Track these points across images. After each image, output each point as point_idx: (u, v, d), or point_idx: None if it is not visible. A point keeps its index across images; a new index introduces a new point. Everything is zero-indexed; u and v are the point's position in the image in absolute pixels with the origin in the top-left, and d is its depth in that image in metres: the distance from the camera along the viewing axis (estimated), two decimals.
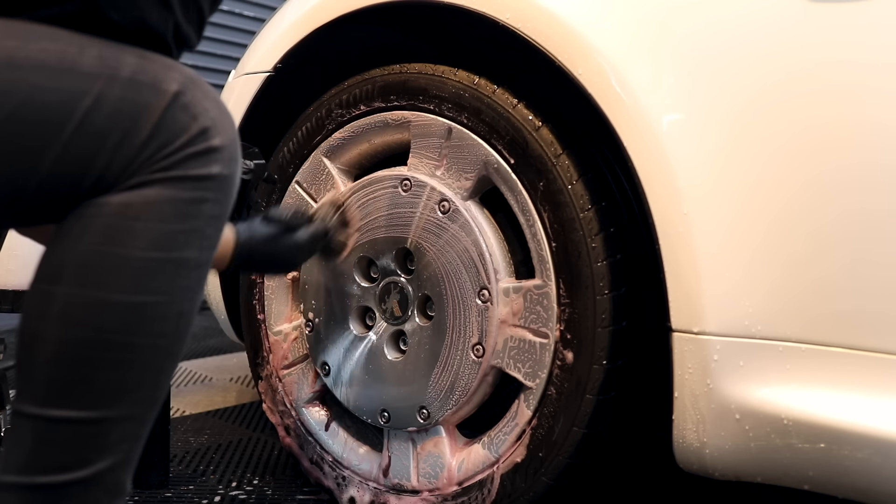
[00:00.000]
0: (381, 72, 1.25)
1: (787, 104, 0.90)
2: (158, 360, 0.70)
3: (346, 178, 1.32)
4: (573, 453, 1.07)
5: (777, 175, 0.91)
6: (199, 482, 1.41)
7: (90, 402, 0.67)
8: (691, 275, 0.93)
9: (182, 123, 0.68)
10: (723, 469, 0.95)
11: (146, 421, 0.71)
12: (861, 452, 0.86)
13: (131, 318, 0.67)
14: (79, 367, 0.66)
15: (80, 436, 0.67)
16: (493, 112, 1.12)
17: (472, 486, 1.15)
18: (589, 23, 1.00)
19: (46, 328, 0.66)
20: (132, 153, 0.66)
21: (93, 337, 0.66)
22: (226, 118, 0.72)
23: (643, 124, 0.95)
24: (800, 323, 0.90)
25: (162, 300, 0.68)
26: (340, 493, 1.29)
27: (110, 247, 0.66)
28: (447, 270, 1.15)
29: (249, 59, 1.42)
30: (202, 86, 0.71)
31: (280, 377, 1.38)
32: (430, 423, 1.18)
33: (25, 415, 0.67)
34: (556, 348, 1.07)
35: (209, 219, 0.70)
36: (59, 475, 0.67)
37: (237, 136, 0.73)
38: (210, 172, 0.69)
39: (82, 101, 0.65)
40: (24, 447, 0.67)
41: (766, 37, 0.92)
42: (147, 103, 0.67)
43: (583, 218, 1.04)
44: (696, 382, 0.93)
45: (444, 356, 1.16)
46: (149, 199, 0.66)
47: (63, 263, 0.67)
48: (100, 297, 0.66)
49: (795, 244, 0.90)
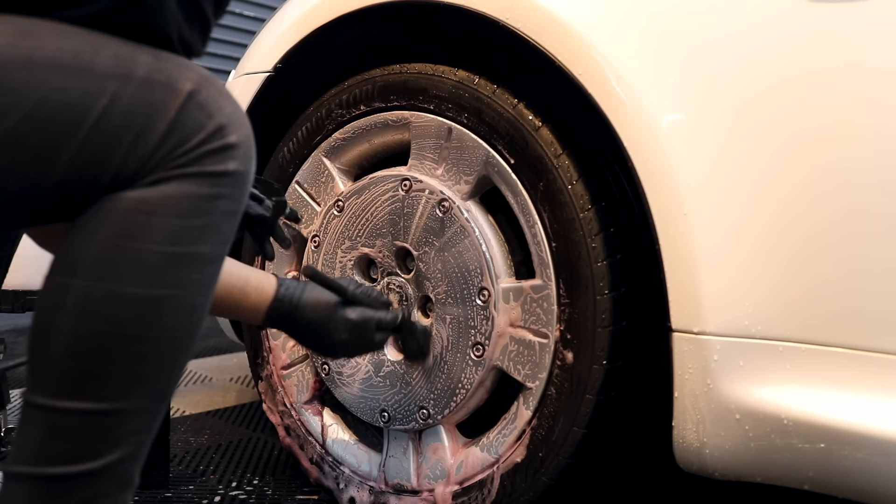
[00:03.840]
0: (381, 72, 1.25)
1: (788, 104, 0.90)
2: (171, 353, 0.71)
3: (346, 178, 1.32)
4: (573, 453, 1.07)
5: (777, 175, 0.91)
6: (199, 482, 1.41)
7: (103, 395, 0.67)
8: (691, 275, 0.93)
9: (198, 121, 0.68)
10: (723, 469, 0.95)
11: (157, 414, 0.72)
12: (861, 452, 0.86)
13: (146, 311, 0.68)
14: (93, 360, 0.67)
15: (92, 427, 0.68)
16: (493, 112, 1.12)
17: (473, 486, 1.15)
18: (589, 23, 1.00)
19: (61, 320, 0.67)
20: (148, 151, 0.67)
21: (107, 329, 0.67)
22: (241, 116, 0.72)
23: (643, 124, 0.95)
24: (800, 323, 0.90)
25: (176, 294, 0.69)
26: (340, 493, 1.29)
27: (126, 240, 0.67)
28: (447, 270, 1.15)
29: (249, 59, 1.42)
30: (216, 84, 0.72)
31: (280, 377, 1.38)
32: (430, 424, 1.18)
33: (37, 406, 0.68)
34: (556, 348, 1.07)
35: (224, 214, 0.71)
36: (69, 466, 0.67)
37: (252, 133, 0.73)
38: (227, 169, 0.70)
39: (98, 101, 0.66)
40: (35, 438, 0.68)
41: (767, 37, 0.92)
42: (162, 102, 0.67)
43: (583, 218, 1.05)
44: (696, 382, 0.93)
45: (443, 356, 1.16)
46: (165, 194, 0.67)
47: (79, 256, 0.67)
48: (115, 289, 0.67)
49: (796, 244, 0.90)
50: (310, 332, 1.07)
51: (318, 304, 1.05)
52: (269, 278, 1.04)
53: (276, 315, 1.03)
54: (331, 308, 1.06)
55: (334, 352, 1.10)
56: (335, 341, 1.07)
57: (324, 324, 1.06)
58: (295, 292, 1.04)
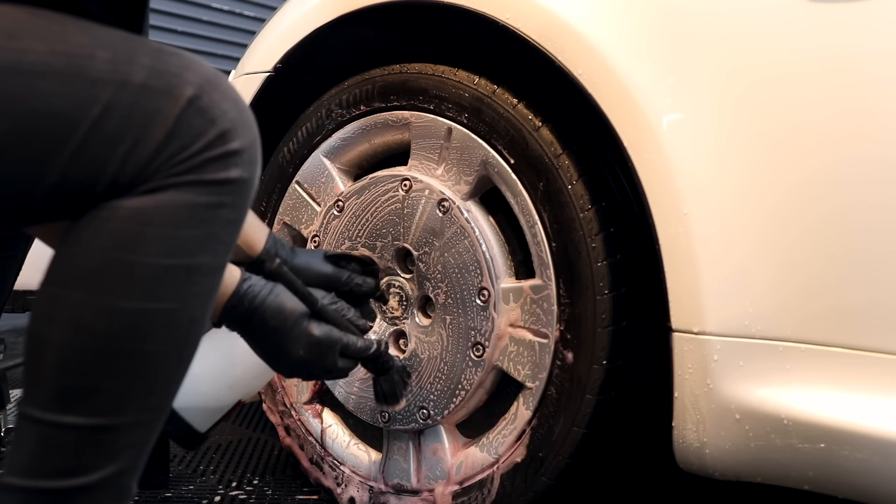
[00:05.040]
0: (381, 72, 1.25)
1: (789, 104, 0.91)
2: (168, 366, 0.68)
3: (346, 179, 1.32)
4: (573, 453, 1.07)
5: (777, 175, 0.91)
6: (199, 482, 1.41)
7: (97, 410, 0.66)
8: (691, 275, 0.93)
9: (198, 128, 0.66)
10: (723, 469, 0.95)
11: (155, 426, 0.70)
12: (861, 452, 0.86)
13: (141, 325, 0.65)
14: (86, 374, 0.65)
15: (86, 442, 0.66)
16: (493, 112, 1.12)
17: (472, 486, 1.15)
18: (589, 23, 1.00)
19: (54, 333, 0.65)
20: (145, 160, 0.64)
21: (101, 345, 0.65)
22: (246, 119, 0.69)
23: (643, 124, 0.95)
24: (800, 323, 0.90)
25: (173, 307, 0.66)
26: (340, 493, 1.29)
27: (120, 253, 0.64)
28: (447, 270, 1.15)
29: (249, 60, 1.42)
30: (221, 86, 0.69)
31: (280, 377, 1.38)
32: (430, 424, 1.18)
33: (31, 418, 0.66)
34: (556, 348, 1.07)
35: (225, 224, 0.68)
36: (63, 480, 0.66)
37: (258, 136, 0.71)
38: (229, 177, 0.67)
39: (91, 109, 0.63)
40: (29, 450, 0.66)
41: (767, 37, 0.92)
42: (160, 110, 0.65)
43: (583, 218, 1.05)
44: (696, 382, 0.93)
45: (443, 357, 1.15)
46: (162, 203, 0.65)
47: (73, 267, 0.65)
48: (108, 303, 0.64)
49: (796, 244, 0.90)
50: (265, 341, 0.93)
51: (281, 310, 0.91)
52: (233, 271, 0.90)
53: (231, 314, 0.90)
54: (294, 318, 0.92)
55: (289, 369, 0.97)
56: (292, 357, 0.94)
57: (283, 334, 0.92)
58: (259, 293, 0.90)
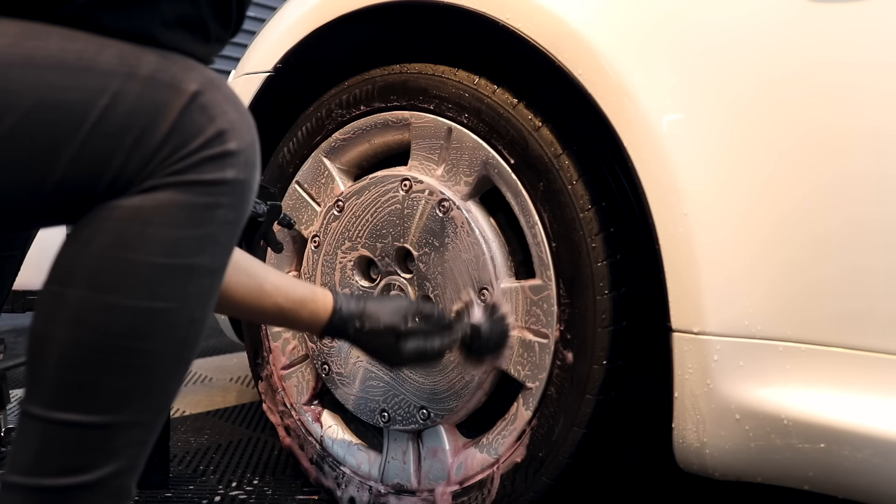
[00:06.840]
0: (381, 72, 1.25)
1: (789, 105, 0.90)
2: (168, 366, 0.69)
3: (346, 179, 1.32)
4: (573, 453, 1.07)
5: (777, 175, 0.91)
6: (199, 482, 1.41)
7: (98, 407, 0.66)
8: (691, 275, 0.93)
9: (198, 125, 0.67)
10: (723, 469, 0.95)
11: (154, 427, 0.71)
12: (861, 452, 0.86)
13: (141, 323, 0.66)
14: (87, 372, 0.66)
15: (87, 440, 0.67)
16: (493, 112, 1.12)
17: (472, 486, 1.15)
18: (589, 23, 1.00)
19: (56, 330, 0.66)
20: (148, 153, 0.65)
21: (102, 341, 0.66)
22: (244, 121, 0.70)
23: (643, 124, 0.95)
24: (800, 323, 0.90)
25: (172, 306, 0.67)
26: (340, 493, 1.29)
27: (120, 252, 0.65)
28: (447, 271, 1.15)
29: (249, 59, 1.42)
30: (222, 88, 0.70)
31: (280, 378, 1.38)
32: (430, 424, 1.18)
33: (33, 416, 0.67)
34: (557, 348, 1.07)
35: (223, 225, 0.69)
36: (64, 478, 0.66)
37: (256, 139, 0.71)
38: (225, 177, 0.67)
39: (99, 100, 0.64)
40: (31, 448, 0.67)
41: (768, 37, 0.92)
42: (165, 102, 0.66)
43: (583, 218, 1.04)
44: (696, 382, 0.93)
45: (443, 356, 1.15)
46: (161, 203, 0.66)
47: (74, 266, 0.66)
48: (109, 301, 0.65)
49: (796, 244, 0.90)
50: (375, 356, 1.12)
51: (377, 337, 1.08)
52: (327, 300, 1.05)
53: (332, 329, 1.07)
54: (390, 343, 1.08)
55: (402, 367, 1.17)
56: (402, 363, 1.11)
57: (385, 354, 1.10)
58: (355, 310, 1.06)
